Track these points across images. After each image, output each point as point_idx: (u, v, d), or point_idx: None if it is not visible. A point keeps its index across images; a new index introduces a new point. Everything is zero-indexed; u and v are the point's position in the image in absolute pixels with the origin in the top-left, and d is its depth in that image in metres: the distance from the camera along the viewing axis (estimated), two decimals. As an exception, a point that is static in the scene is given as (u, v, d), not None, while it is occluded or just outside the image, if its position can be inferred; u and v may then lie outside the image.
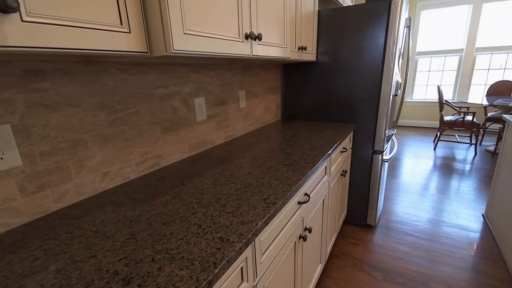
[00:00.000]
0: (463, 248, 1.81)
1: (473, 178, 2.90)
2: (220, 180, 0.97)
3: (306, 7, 1.61)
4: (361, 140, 1.90)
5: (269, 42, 1.15)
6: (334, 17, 1.77)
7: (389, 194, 2.64)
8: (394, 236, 1.97)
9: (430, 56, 4.97)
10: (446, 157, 3.60)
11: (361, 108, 1.85)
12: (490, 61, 4.54)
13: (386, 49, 1.66)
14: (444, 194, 2.58)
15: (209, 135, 1.40)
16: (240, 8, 0.92)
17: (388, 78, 1.70)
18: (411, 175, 3.06)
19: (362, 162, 1.94)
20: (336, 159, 1.56)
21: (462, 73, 4.72)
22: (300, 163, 1.11)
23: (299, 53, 1.61)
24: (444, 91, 5.02)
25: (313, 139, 1.51)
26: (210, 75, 1.35)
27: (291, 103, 2.13)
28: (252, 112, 1.77)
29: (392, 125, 2.07)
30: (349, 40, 1.77)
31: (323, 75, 1.93)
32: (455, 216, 2.20)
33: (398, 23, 1.58)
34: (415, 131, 5.01)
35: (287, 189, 0.87)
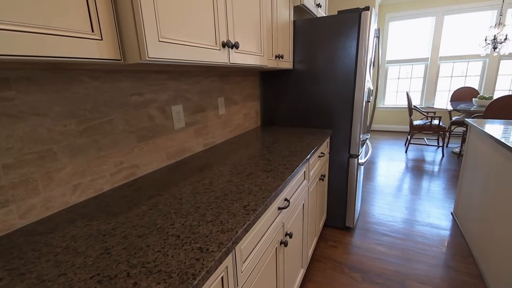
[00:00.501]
0: (435, 246, 1.91)
1: (442, 179, 3.09)
2: (199, 188, 0.96)
3: (282, 17, 1.66)
4: (338, 144, 1.97)
5: (246, 51, 1.17)
6: (309, 27, 1.84)
7: (366, 196, 2.73)
8: (371, 237, 2.04)
9: (399, 64, 5.28)
10: (417, 159, 3.81)
11: (336, 114, 1.92)
12: (453, 69, 4.91)
13: (358, 58, 1.74)
14: (416, 195, 2.71)
15: (188, 142, 1.38)
16: (216, 17, 0.93)
17: (361, 85, 1.78)
18: (386, 177, 3.19)
19: (339, 166, 2.00)
20: (315, 163, 1.60)
21: (428, 80, 5.06)
22: (279, 169, 1.13)
23: (276, 61, 1.64)
24: (413, 97, 5.34)
25: (292, 144, 1.54)
26: (188, 82, 1.34)
27: (270, 109, 2.16)
28: (231, 119, 1.77)
29: (366, 129, 2.16)
30: (324, 49, 1.84)
31: (300, 82, 1.99)
32: (426, 215, 2.32)
33: (368, 34, 1.67)
34: (387, 135, 5.26)
35: (267, 195, 0.88)
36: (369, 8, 1.63)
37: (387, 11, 5.05)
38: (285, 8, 1.69)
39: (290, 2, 1.76)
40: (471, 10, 4.51)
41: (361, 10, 1.65)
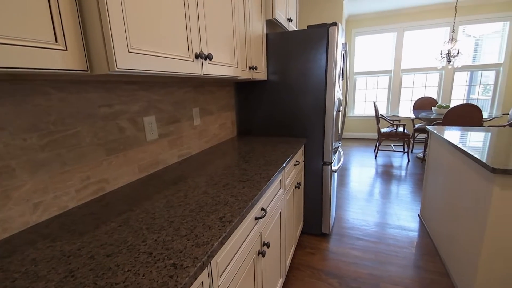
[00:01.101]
0: (406, 247, 2.00)
1: (409, 182, 3.28)
2: (174, 201, 0.93)
3: (255, 30, 1.71)
4: (312, 152, 2.02)
5: (220, 62, 1.18)
6: (281, 40, 1.91)
7: (340, 202, 2.82)
8: (346, 242, 2.10)
9: (366, 76, 5.62)
10: (386, 164, 4.02)
11: (310, 123, 1.99)
12: (414, 80, 5.32)
13: (327, 69, 1.83)
14: (386, 199, 2.85)
15: (161, 154, 1.34)
16: (189, 29, 0.94)
17: (331, 95, 1.87)
18: (358, 183, 3.33)
19: (314, 174, 2.06)
20: (290, 172, 1.63)
21: (392, 90, 5.43)
22: (255, 178, 1.13)
23: (250, 72, 1.67)
24: (379, 106, 5.69)
25: (268, 154, 1.56)
26: (160, 93, 1.31)
27: (246, 119, 2.18)
28: (207, 129, 1.76)
29: (337, 137, 2.25)
30: (296, 61, 1.91)
31: (274, 92, 2.04)
32: (396, 218, 2.44)
33: (336, 47, 1.77)
34: (358, 142, 5.52)
35: (243, 205, 0.87)
36: (336, 24, 1.74)
37: (353, 26, 5.39)
38: (257, 21, 1.74)
39: (262, 16, 1.81)
40: (427, 27, 4.96)
41: (329, 25, 1.75)
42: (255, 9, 1.69)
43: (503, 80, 4.71)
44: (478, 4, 4.56)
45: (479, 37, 4.83)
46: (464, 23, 4.74)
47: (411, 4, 4.67)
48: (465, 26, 4.78)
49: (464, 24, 4.76)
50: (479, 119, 3.14)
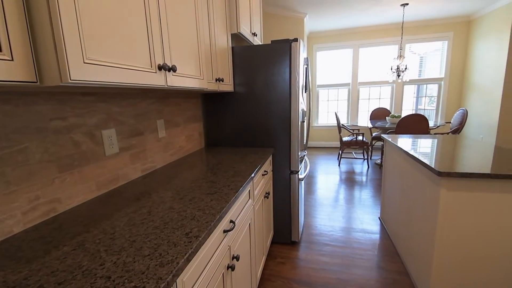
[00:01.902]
0: (369, 250, 2.11)
1: (369, 187, 3.50)
2: (136, 219, 0.88)
3: (220, 43, 1.73)
4: (279, 162, 2.07)
5: (185, 74, 1.17)
6: (247, 54, 1.96)
7: (309, 209, 2.90)
8: (315, 248, 2.15)
9: (327, 88, 5.96)
10: (348, 171, 4.25)
11: (276, 133, 2.04)
12: (369, 92, 5.77)
13: (291, 82, 1.91)
14: (350, 204, 3.00)
15: (123, 169, 1.26)
16: (151, 40, 0.92)
17: (296, 107, 1.95)
18: (324, 190, 3.46)
19: (282, 183, 2.10)
20: (259, 182, 1.64)
21: (351, 102, 5.82)
22: (224, 190, 1.12)
23: (217, 84, 1.68)
24: (340, 116, 6.05)
25: (236, 165, 1.56)
26: (121, 104, 1.25)
27: (215, 130, 2.17)
28: (173, 142, 1.71)
29: (303, 147, 2.34)
30: (261, 74, 1.96)
31: (242, 104, 2.06)
32: (360, 222, 2.57)
33: (298, 61, 1.86)
34: (323, 151, 5.77)
35: (211, 219, 0.86)
36: (297, 40, 1.84)
37: (314, 42, 5.73)
38: (223, 35, 1.77)
39: (227, 29, 1.85)
40: (379, 44, 5.46)
41: (291, 41, 1.84)
42: (220, 23, 1.72)
43: (444, 92, 5.33)
44: (420, 25, 5.16)
45: (423, 54, 5.44)
46: (410, 41, 5.31)
47: (364, 24, 5.13)
48: (411, 44, 5.36)
49: (410, 43, 5.33)
50: (426, 127, 3.50)
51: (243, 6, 1.98)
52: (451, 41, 5.09)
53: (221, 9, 1.74)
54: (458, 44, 5.08)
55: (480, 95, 4.62)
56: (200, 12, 1.33)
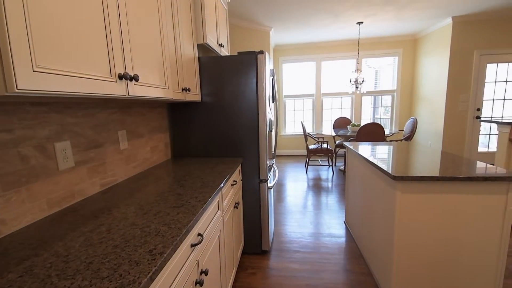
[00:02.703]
0: (336, 254, 2.19)
1: (335, 193, 3.65)
2: (93, 239, 0.81)
3: (186, 52, 1.72)
4: (249, 171, 2.08)
5: (149, 83, 1.14)
6: (214, 64, 1.96)
7: (278, 217, 2.93)
8: (285, 256, 2.17)
9: (293, 98, 6.19)
10: (315, 178, 4.40)
11: (245, 143, 2.05)
12: (332, 102, 6.11)
13: (258, 93, 1.96)
14: (318, 209, 3.10)
15: (79, 184, 1.17)
16: (111, 48, 0.88)
17: (263, 116, 1.99)
18: (293, 197, 3.53)
19: (251, 192, 2.10)
20: (228, 192, 1.63)
21: (316, 111, 6.10)
22: (191, 203, 1.09)
23: (183, 93, 1.65)
24: (306, 125, 6.29)
25: (205, 175, 1.53)
26: (77, 115, 1.17)
27: (182, 141, 2.11)
28: (136, 154, 1.62)
29: (271, 156, 2.38)
30: (229, 84, 1.98)
31: (210, 114, 2.05)
32: (327, 227, 2.66)
33: (264, 73, 1.92)
34: (291, 159, 5.92)
35: (177, 233, 0.83)
36: (263, 52, 1.90)
37: (280, 54, 5.95)
38: (189, 44, 1.76)
39: (193, 40, 1.84)
40: (339, 58, 5.85)
41: (257, 53, 1.90)
42: (186, 33, 1.71)
43: (397, 103, 5.84)
44: (374, 42, 5.64)
45: (378, 68, 5.93)
46: (366, 56, 5.78)
47: (325, 39, 5.47)
48: (367, 59, 5.82)
49: (366, 57, 5.79)
50: (382, 135, 3.78)
51: (209, 17, 2.00)
52: (401, 56, 5.64)
53: (187, 19, 1.73)
54: (406, 60, 5.64)
55: (427, 105, 5.15)
56: (165, 21, 1.31)
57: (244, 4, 3.48)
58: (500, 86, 4.45)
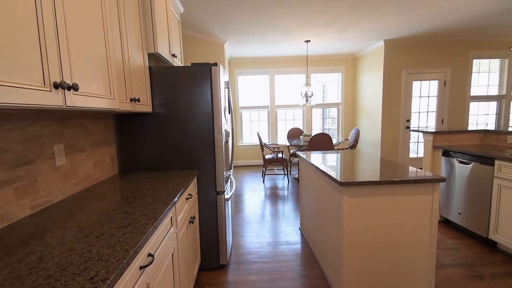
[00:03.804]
0: (293, 261, 2.24)
1: (291, 201, 3.78)
2: (21, 270, 0.70)
3: (136, 61, 1.64)
4: (205, 184, 2.03)
5: (91, 93, 1.05)
6: (167, 74, 1.91)
7: (236, 229, 2.90)
8: (244, 268, 2.14)
9: (249, 110, 6.31)
10: (272, 187, 4.50)
11: (201, 155, 2.01)
12: (285, 114, 6.39)
13: (213, 104, 1.95)
14: (275, 218, 3.15)
15: (4, 208, 1.00)
16: (44, 54, 0.80)
17: (219, 128, 1.98)
18: (251, 207, 3.55)
19: (208, 205, 2.05)
20: (183, 207, 1.56)
21: (271, 122, 6.31)
22: (140, 221, 1.02)
23: (132, 104, 1.56)
24: (262, 136, 6.45)
25: (156, 190, 1.45)
26: (3, 128, 1.02)
27: (131, 154, 1.97)
28: (76, 170, 1.46)
29: (228, 167, 2.37)
30: (183, 95, 1.94)
31: (163, 125, 1.96)
32: (284, 234, 2.72)
33: (219, 84, 1.93)
34: (249, 169, 5.97)
35: (123, 256, 0.76)
36: (217, 64, 1.91)
37: (235, 67, 6.06)
38: (138, 53, 1.68)
39: (143, 49, 1.77)
40: (290, 73, 6.19)
41: (211, 65, 1.91)
42: (135, 41, 1.64)
43: (342, 115, 6.38)
44: (321, 59, 6.14)
45: (325, 83, 6.44)
46: (314, 72, 6.23)
47: (278, 54, 5.77)
48: (315, 74, 6.28)
49: (314, 73, 6.25)
50: (331, 144, 4.08)
51: (160, 27, 1.95)
52: (343, 73, 6.22)
53: (136, 27, 1.66)
54: (348, 76, 6.25)
55: (367, 117, 5.73)
56: (110, 27, 1.24)
57: (198, 17, 3.48)
58: (424, 100, 5.21)
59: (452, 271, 2.01)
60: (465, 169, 2.51)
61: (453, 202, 2.67)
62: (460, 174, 2.57)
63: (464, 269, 2.02)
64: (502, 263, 2.08)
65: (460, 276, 1.95)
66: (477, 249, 2.30)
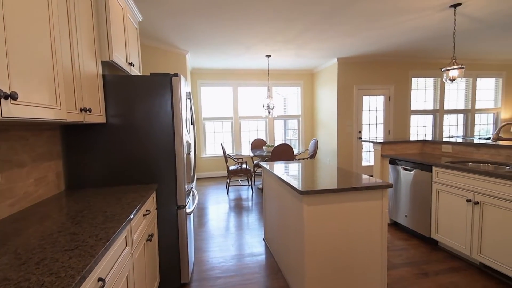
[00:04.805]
0: (257, 272, 2.23)
1: (255, 211, 3.78)
2: None
3: (88, 69, 1.53)
4: (165, 198, 1.94)
5: (32, 102, 0.95)
6: (124, 84, 1.81)
7: (200, 244, 2.79)
8: (207, 285, 2.06)
9: (213, 121, 6.26)
10: (236, 198, 4.47)
11: (161, 168, 1.92)
12: (249, 125, 6.47)
13: (174, 115, 1.90)
14: (239, 230, 3.12)
15: None
16: (-23, 59, 0.71)
17: (180, 139, 1.93)
18: (215, 221, 3.46)
19: (168, 221, 1.95)
20: (139, 224, 1.46)
21: (235, 133, 6.33)
22: (89, 243, 0.93)
23: (82, 114, 1.45)
24: (226, 147, 6.42)
25: (109, 208, 1.34)
26: None
27: (80, 169, 1.80)
28: (13, 188, 1.29)
29: (190, 179, 2.30)
30: (141, 106, 1.85)
31: (119, 137, 1.84)
32: (248, 246, 2.70)
33: (180, 95, 1.89)
34: (212, 181, 5.86)
35: (68, 283, 0.68)
36: (178, 75, 1.88)
37: (197, 78, 6.00)
38: (90, 61, 1.58)
39: (96, 56, 1.67)
40: (253, 85, 6.34)
41: (171, 75, 1.87)
42: (87, 48, 1.54)
43: (302, 126, 6.68)
44: (281, 73, 6.41)
45: (286, 95, 6.71)
46: (275, 85, 6.47)
47: (240, 67, 5.88)
48: (276, 87, 6.52)
49: (275, 86, 6.49)
50: (292, 154, 4.22)
51: (116, 34, 1.87)
52: (302, 87, 6.57)
53: (88, 33, 1.57)
54: (307, 90, 6.61)
55: (324, 128, 6.09)
56: (58, 32, 1.15)
57: (160, 27, 3.41)
58: (373, 114, 5.72)
59: (402, 270, 2.19)
60: (408, 176, 2.80)
61: (400, 206, 2.94)
62: (405, 180, 2.85)
63: (412, 268, 2.21)
64: (443, 260, 2.33)
65: (408, 274, 2.13)
66: (422, 248, 2.54)
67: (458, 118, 6.23)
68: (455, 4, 2.93)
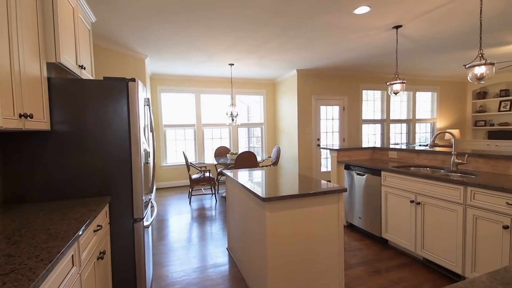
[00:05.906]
0: (220, 284, 2.18)
1: (219, 220, 3.71)
2: None
3: (30, 71, 1.39)
4: (119, 211, 1.80)
5: (-42, 107, 0.83)
6: (73, 88, 1.67)
7: (159, 258, 2.64)
8: (167, 301, 1.96)
9: (174, 128, 6.06)
10: (199, 208, 4.34)
11: (115, 178, 1.79)
12: (212, 133, 6.40)
13: (130, 122, 1.80)
14: (202, 241, 3.03)
15: None
16: None
17: (137, 148, 1.83)
18: (176, 233, 3.31)
19: (123, 235, 1.82)
20: (89, 241, 1.34)
21: (197, 141, 6.20)
22: (28, 265, 0.82)
23: (22, 121, 1.29)
24: (189, 155, 6.24)
25: (53, 225, 1.20)
26: None
27: (20, 182, 1.59)
28: None
29: (148, 190, 2.18)
30: (93, 112, 1.72)
31: (65, 146, 1.68)
32: (211, 257, 2.63)
33: (137, 101, 1.81)
34: (174, 191, 5.62)
35: (-1, 313, 0.60)
36: (135, 80, 1.80)
37: (157, 83, 5.79)
38: (33, 62, 1.43)
39: (41, 57, 1.52)
40: (216, 93, 6.31)
41: (128, 80, 1.78)
42: (29, 47, 1.39)
43: (265, 134, 6.82)
44: (244, 82, 6.51)
45: (249, 104, 6.81)
46: (238, 93, 6.53)
47: (203, 74, 5.82)
48: (240, 95, 6.58)
49: (239, 94, 6.55)
50: (255, 161, 4.27)
51: (65, 34, 1.72)
52: (265, 96, 6.74)
53: (31, 31, 1.42)
54: (269, 99, 6.80)
55: (286, 136, 6.30)
56: (-7, 30, 1.03)
57: (116, 29, 3.22)
58: (329, 122, 6.09)
59: (357, 269, 2.33)
60: (361, 180, 3.02)
61: (355, 208, 3.15)
62: (358, 184, 3.08)
63: (366, 267, 2.37)
64: (393, 257, 2.54)
65: (363, 273, 2.27)
66: (375, 248, 2.75)
67: (402, 127, 6.95)
68: (397, 26, 3.31)
